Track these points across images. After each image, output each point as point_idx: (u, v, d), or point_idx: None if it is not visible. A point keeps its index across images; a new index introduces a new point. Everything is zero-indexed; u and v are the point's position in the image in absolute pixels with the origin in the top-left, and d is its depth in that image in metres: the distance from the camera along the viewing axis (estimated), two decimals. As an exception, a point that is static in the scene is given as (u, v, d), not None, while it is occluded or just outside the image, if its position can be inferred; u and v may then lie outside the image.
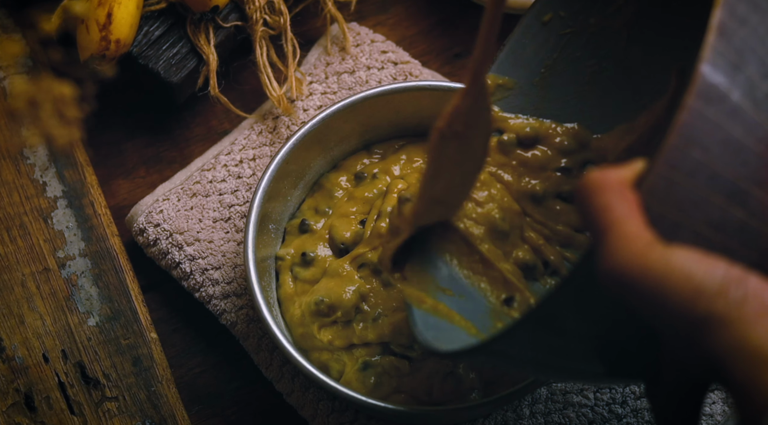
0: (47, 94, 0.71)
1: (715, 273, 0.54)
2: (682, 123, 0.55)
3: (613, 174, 0.57)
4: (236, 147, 0.98)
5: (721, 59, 0.56)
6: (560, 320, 0.60)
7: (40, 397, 0.89)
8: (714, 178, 0.56)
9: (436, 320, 0.77)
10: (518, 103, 0.87)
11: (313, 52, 1.02)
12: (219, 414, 0.92)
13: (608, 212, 0.56)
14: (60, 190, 0.96)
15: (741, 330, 0.52)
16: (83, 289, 0.93)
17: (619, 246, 0.55)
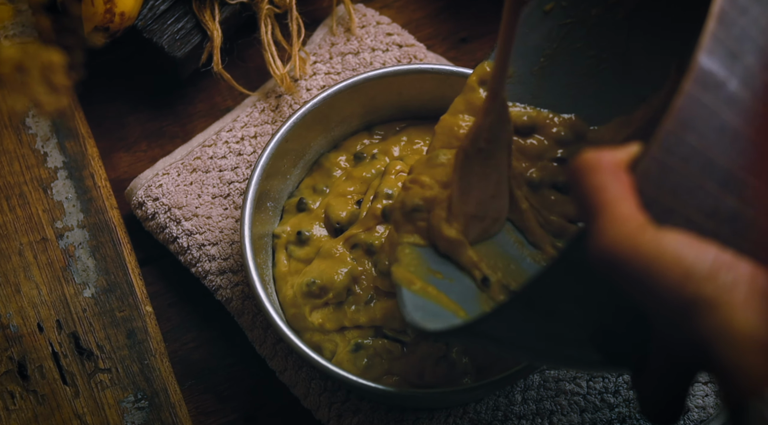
0: (35, 60, 0.71)
1: (706, 257, 0.54)
2: (678, 108, 0.55)
3: (608, 155, 0.57)
4: (238, 124, 0.98)
5: (720, 47, 0.56)
6: (549, 304, 0.60)
7: (33, 366, 0.89)
8: (709, 165, 0.56)
9: (425, 302, 0.78)
10: (516, 91, 0.86)
11: (319, 32, 1.02)
12: (211, 390, 0.92)
13: (602, 192, 0.56)
14: (61, 161, 0.96)
15: (729, 313, 0.52)
16: (80, 260, 0.93)
17: (611, 227, 0.55)
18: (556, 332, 0.63)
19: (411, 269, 0.80)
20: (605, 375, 0.89)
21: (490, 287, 0.81)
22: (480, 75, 0.85)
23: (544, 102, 0.86)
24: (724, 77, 0.56)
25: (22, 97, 0.71)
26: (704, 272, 0.53)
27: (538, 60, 0.85)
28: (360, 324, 0.87)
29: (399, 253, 0.81)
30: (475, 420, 0.88)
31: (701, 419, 0.87)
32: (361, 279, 0.88)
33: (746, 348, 0.52)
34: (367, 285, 0.88)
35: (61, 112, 0.77)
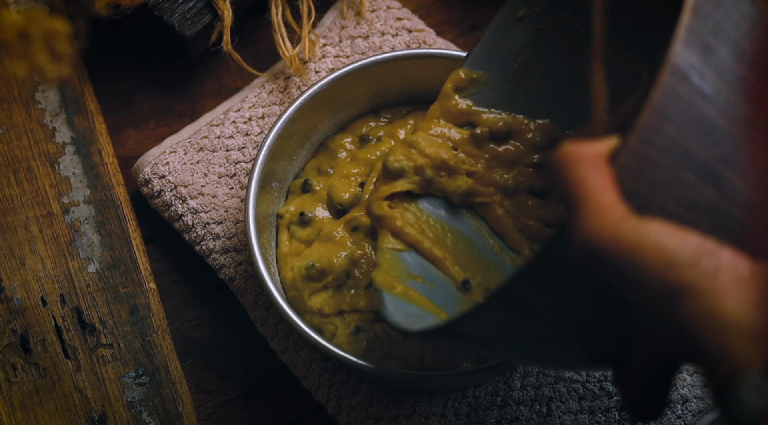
0: (38, 27, 0.71)
1: (688, 244, 0.54)
2: (656, 100, 0.56)
3: (587, 147, 0.58)
4: (246, 104, 0.98)
5: (696, 39, 0.57)
6: (529, 301, 0.60)
7: (35, 339, 0.90)
8: (686, 157, 0.56)
9: (406, 305, 0.78)
10: (492, 97, 0.87)
11: (329, 15, 1.02)
12: (212, 368, 0.93)
13: (582, 184, 0.56)
14: (69, 137, 0.96)
15: (712, 299, 0.53)
16: (85, 236, 0.93)
17: (592, 217, 0.55)
18: (537, 331, 0.63)
19: (391, 274, 0.81)
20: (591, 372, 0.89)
21: (471, 290, 0.82)
22: (455, 82, 0.86)
23: (519, 108, 0.87)
24: (700, 69, 0.57)
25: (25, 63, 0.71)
26: (686, 259, 0.53)
27: (512, 66, 0.86)
28: (359, 308, 0.87)
29: (379, 258, 0.82)
30: (474, 404, 0.88)
31: (699, 409, 0.87)
32: (360, 263, 0.89)
33: (730, 333, 0.52)
34: (366, 269, 0.88)
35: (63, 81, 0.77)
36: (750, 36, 0.59)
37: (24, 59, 0.70)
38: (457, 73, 0.86)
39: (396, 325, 0.74)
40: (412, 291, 0.79)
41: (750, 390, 0.51)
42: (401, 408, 0.88)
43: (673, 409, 0.87)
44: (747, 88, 0.58)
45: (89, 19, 0.74)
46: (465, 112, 0.87)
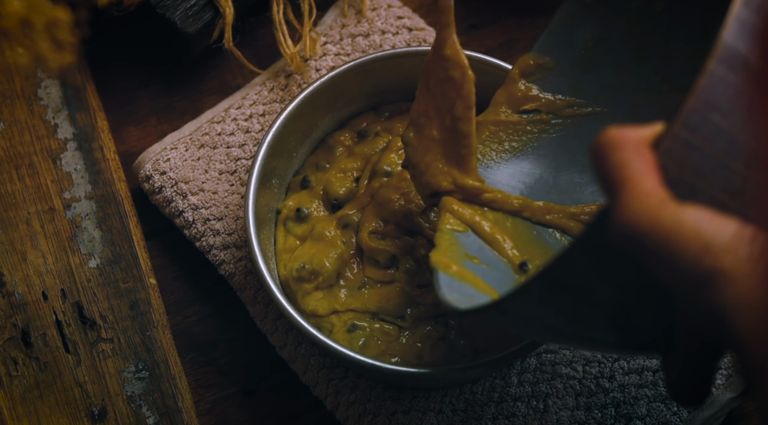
0: (41, 16, 0.72)
1: (726, 230, 0.54)
2: (702, 87, 0.56)
3: (631, 132, 0.58)
4: (247, 102, 0.99)
5: (745, 27, 0.57)
6: (573, 282, 0.60)
7: (36, 333, 0.90)
8: (734, 145, 0.56)
9: (461, 285, 0.78)
10: (558, 83, 0.87)
11: (330, 13, 1.03)
12: (212, 363, 0.93)
13: (624, 168, 0.56)
14: (71, 133, 0.97)
15: (748, 285, 0.53)
16: (86, 231, 0.94)
17: (632, 201, 0.55)
18: (580, 312, 0.63)
19: (449, 254, 0.81)
20: (602, 360, 0.89)
21: (528, 272, 0.81)
22: (522, 67, 0.87)
23: (584, 94, 0.87)
24: (746, 57, 0.57)
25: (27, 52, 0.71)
26: (723, 245, 0.53)
27: (579, 52, 0.86)
28: (353, 308, 0.88)
29: (438, 239, 0.82)
30: (471, 400, 0.88)
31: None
32: (350, 264, 0.89)
33: (764, 319, 0.52)
34: (357, 269, 0.89)
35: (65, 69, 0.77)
36: None
37: (26, 47, 0.71)
38: (524, 58, 0.86)
39: (447, 303, 0.74)
40: (467, 271, 0.79)
41: None
42: (399, 404, 0.88)
43: (669, 405, 0.88)
44: None
45: (90, 8, 0.74)
46: (531, 97, 0.87)
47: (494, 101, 0.87)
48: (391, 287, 0.88)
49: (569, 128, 0.88)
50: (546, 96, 0.87)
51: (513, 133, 0.88)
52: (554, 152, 0.88)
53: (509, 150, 0.88)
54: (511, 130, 0.88)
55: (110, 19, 0.97)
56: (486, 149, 0.87)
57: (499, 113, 0.87)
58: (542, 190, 0.87)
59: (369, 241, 0.88)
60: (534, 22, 1.05)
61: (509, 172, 0.88)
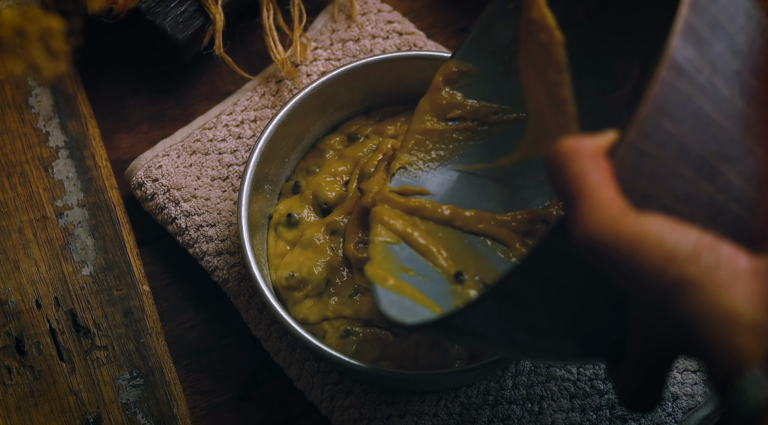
0: (35, 25, 0.72)
1: (688, 239, 0.54)
2: (654, 94, 0.56)
3: (586, 142, 0.58)
4: (238, 108, 0.99)
5: (693, 34, 0.57)
6: (527, 295, 0.60)
7: (30, 342, 0.90)
8: (684, 151, 0.57)
9: (400, 298, 0.78)
10: (482, 89, 0.87)
11: (320, 19, 1.03)
12: (206, 369, 0.93)
13: (581, 179, 0.57)
14: (62, 141, 0.97)
15: (713, 294, 0.53)
16: (79, 239, 0.94)
17: (592, 212, 0.55)
18: (533, 324, 0.63)
19: (384, 266, 0.81)
20: (583, 366, 0.89)
21: (465, 282, 0.82)
22: (446, 74, 0.87)
23: (509, 100, 0.87)
24: (696, 64, 0.57)
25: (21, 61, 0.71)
26: (687, 254, 0.54)
27: (503, 58, 0.86)
28: (344, 315, 0.88)
29: (371, 251, 0.82)
30: (466, 403, 0.89)
31: (690, 406, 0.88)
32: (339, 271, 0.89)
33: (731, 327, 0.53)
34: (347, 277, 0.89)
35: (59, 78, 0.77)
36: (745, 30, 0.60)
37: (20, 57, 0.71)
38: (447, 65, 0.86)
39: (391, 318, 0.74)
40: (405, 284, 0.79)
41: (752, 383, 0.52)
42: (394, 408, 0.89)
43: (664, 407, 0.88)
44: (741, 83, 0.59)
45: (84, 17, 0.74)
46: (455, 104, 0.87)
47: (419, 109, 0.87)
48: None
49: (495, 135, 0.88)
50: (471, 103, 0.87)
51: (439, 142, 0.87)
52: (482, 159, 0.88)
53: (436, 158, 0.88)
54: (437, 139, 0.87)
55: (100, 27, 0.97)
56: (413, 158, 0.87)
57: (424, 121, 0.87)
58: (472, 197, 0.87)
59: (356, 253, 0.88)
60: (524, 25, 1.05)
61: (437, 181, 0.88)
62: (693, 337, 0.54)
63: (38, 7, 0.72)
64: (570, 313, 0.62)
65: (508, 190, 0.88)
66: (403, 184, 0.86)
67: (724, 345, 0.53)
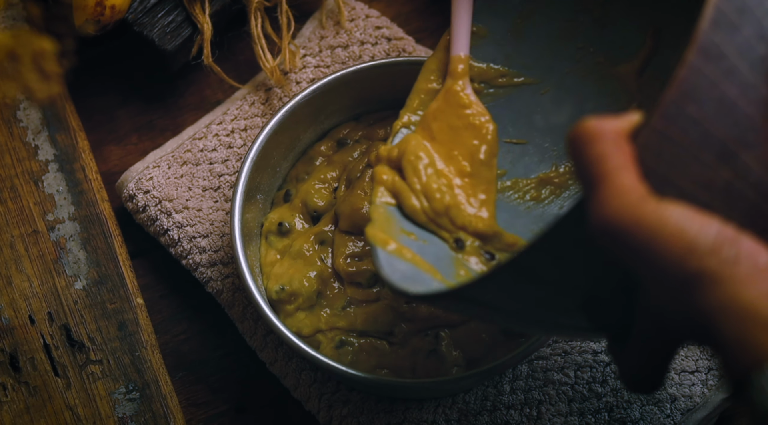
0: (27, 47, 0.71)
1: (709, 231, 0.54)
2: (681, 78, 0.55)
3: (610, 123, 0.57)
4: (228, 117, 0.99)
5: (723, 18, 0.57)
6: (538, 272, 0.60)
7: (24, 358, 0.90)
8: (706, 136, 0.56)
9: (401, 263, 0.77)
10: (491, 51, 0.86)
11: (308, 26, 1.02)
12: (202, 381, 0.93)
13: (603, 162, 0.56)
14: (52, 154, 0.96)
15: (732, 288, 0.53)
16: (71, 253, 0.93)
17: (612, 197, 0.55)
18: (544, 298, 0.63)
19: (385, 229, 0.80)
20: (594, 365, 0.89)
21: (464, 249, 0.81)
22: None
23: (516, 63, 0.86)
24: (724, 48, 0.57)
25: (14, 84, 0.71)
26: (707, 246, 0.53)
27: (513, 20, 0.85)
28: (338, 327, 0.87)
29: (372, 212, 0.80)
30: (464, 410, 0.88)
31: (688, 407, 0.88)
32: (330, 283, 0.89)
33: (750, 323, 0.52)
34: (339, 290, 0.88)
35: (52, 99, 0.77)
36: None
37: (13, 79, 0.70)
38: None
39: (394, 285, 0.73)
40: (406, 249, 0.78)
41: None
42: (392, 416, 0.88)
43: (662, 408, 0.88)
44: (766, 68, 0.58)
45: (76, 38, 0.74)
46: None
47: (425, 68, 0.86)
48: (377, 305, 0.88)
49: (500, 98, 0.87)
50: (479, 64, 0.87)
51: None
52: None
53: None
54: None
55: (87, 38, 0.96)
56: (416, 118, 0.86)
57: (430, 81, 0.86)
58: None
59: (346, 267, 0.88)
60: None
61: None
62: (708, 329, 0.53)
63: (30, 29, 0.72)
64: (582, 291, 0.62)
65: (511, 156, 0.87)
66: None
67: (741, 341, 0.52)
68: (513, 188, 0.86)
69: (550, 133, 0.87)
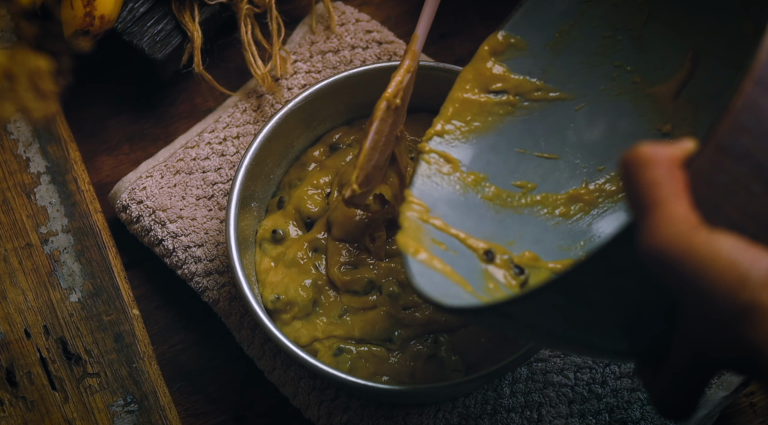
0: (23, 66, 0.71)
1: (761, 264, 0.54)
2: (738, 108, 0.55)
3: (664, 150, 0.57)
4: (220, 125, 0.98)
5: None
6: (583, 291, 0.59)
7: (21, 372, 0.89)
8: (757, 168, 0.56)
9: (432, 273, 0.76)
10: (528, 64, 0.86)
11: (298, 31, 1.02)
12: (200, 391, 0.92)
13: (656, 188, 0.56)
14: (43, 166, 0.96)
15: None
16: (66, 265, 0.93)
17: (665, 225, 0.55)
18: (583, 320, 0.62)
19: (416, 237, 0.79)
20: (594, 366, 0.89)
21: (494, 261, 0.80)
22: (492, 45, 0.85)
23: (553, 78, 0.86)
24: None
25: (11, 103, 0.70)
26: (760, 279, 0.53)
27: (553, 35, 0.85)
28: (335, 335, 0.87)
29: (403, 220, 0.80)
30: (464, 414, 0.88)
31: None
32: (326, 291, 0.88)
33: None
34: (335, 298, 0.88)
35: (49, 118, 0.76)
36: None
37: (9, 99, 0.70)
38: (494, 36, 0.85)
39: (428, 297, 0.72)
40: (437, 259, 0.77)
41: None
42: (392, 422, 0.88)
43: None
44: None
45: (72, 55, 0.73)
46: (499, 76, 0.86)
47: (461, 78, 0.86)
48: (374, 312, 0.87)
49: (535, 112, 0.87)
50: (515, 76, 0.86)
51: (478, 114, 0.86)
52: (519, 136, 0.87)
53: (474, 130, 0.86)
54: (476, 110, 0.86)
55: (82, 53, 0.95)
56: (449, 126, 0.86)
57: (466, 91, 0.86)
58: (504, 173, 0.87)
59: (341, 276, 0.87)
60: (503, 28, 1.04)
61: (473, 152, 0.86)
62: (757, 363, 0.53)
63: (26, 48, 0.71)
64: (619, 314, 0.61)
65: (542, 170, 0.87)
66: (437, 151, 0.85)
67: None
68: (543, 203, 0.86)
69: (582, 149, 0.87)
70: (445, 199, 0.83)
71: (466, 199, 0.84)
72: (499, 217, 0.85)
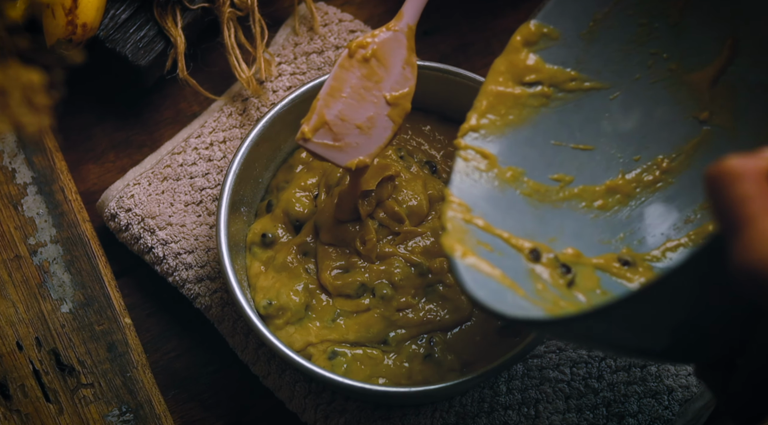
0: (15, 81, 0.70)
1: None
2: None
3: (751, 162, 0.55)
4: (206, 130, 0.98)
5: None
6: (655, 306, 0.58)
7: (14, 385, 0.89)
8: None
9: (485, 278, 0.73)
10: (561, 54, 0.84)
11: (281, 33, 1.02)
12: (195, 398, 0.92)
13: (747, 204, 0.54)
14: (29, 177, 0.95)
15: None
16: (56, 276, 0.92)
17: (758, 243, 0.53)
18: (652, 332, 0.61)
19: (461, 239, 0.75)
20: (589, 361, 0.89)
21: (540, 260, 0.78)
22: (525, 35, 0.83)
23: (588, 68, 0.84)
24: None
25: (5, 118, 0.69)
26: None
27: (587, 23, 0.83)
28: (329, 339, 0.87)
29: (445, 221, 0.76)
30: (461, 413, 0.88)
31: (686, 398, 0.88)
32: (317, 295, 0.88)
33: None
34: (327, 303, 0.88)
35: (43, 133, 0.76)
36: None
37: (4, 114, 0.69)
38: (527, 25, 0.83)
39: (484, 305, 0.68)
40: (485, 262, 0.74)
41: None
42: (389, 423, 0.88)
43: (660, 400, 0.88)
44: None
45: (65, 68, 0.72)
46: (532, 67, 0.84)
47: (493, 70, 0.83)
48: (368, 315, 0.87)
49: (569, 102, 0.85)
50: (549, 67, 0.84)
51: (513, 106, 0.84)
52: (554, 127, 0.85)
53: (509, 123, 0.83)
54: (511, 103, 0.84)
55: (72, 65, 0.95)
56: (485, 121, 0.83)
57: (499, 83, 0.83)
58: (540, 167, 0.84)
59: (333, 281, 0.87)
60: (487, 23, 1.04)
61: (507, 145, 0.83)
62: None
63: (18, 62, 0.70)
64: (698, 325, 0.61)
65: (577, 162, 0.85)
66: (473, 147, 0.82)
67: None
68: (580, 196, 0.84)
69: (618, 139, 0.85)
70: (485, 197, 0.81)
71: (505, 195, 0.82)
72: (539, 213, 0.82)
